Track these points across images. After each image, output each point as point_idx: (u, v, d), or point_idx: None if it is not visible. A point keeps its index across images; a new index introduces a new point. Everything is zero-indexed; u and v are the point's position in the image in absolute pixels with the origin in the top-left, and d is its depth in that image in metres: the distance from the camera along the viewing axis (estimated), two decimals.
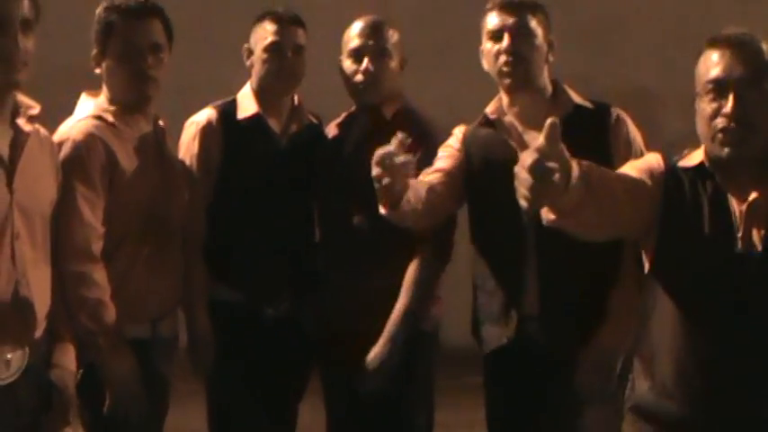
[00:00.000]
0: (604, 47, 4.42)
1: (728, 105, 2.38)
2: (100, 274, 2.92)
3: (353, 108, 3.53)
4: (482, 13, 3.24)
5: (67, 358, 2.77)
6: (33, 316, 2.61)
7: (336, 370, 3.47)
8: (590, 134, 3.08)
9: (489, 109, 3.24)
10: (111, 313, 2.91)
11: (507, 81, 3.14)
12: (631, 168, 2.53)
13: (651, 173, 2.47)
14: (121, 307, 2.94)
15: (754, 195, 2.39)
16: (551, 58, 3.22)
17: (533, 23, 3.15)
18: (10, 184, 2.58)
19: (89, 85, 3.16)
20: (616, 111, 3.18)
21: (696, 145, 2.51)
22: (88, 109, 3.07)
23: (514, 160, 3.03)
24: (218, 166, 3.42)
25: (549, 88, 3.22)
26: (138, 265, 3.04)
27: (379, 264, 3.32)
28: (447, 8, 4.26)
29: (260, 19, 3.48)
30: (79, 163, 2.92)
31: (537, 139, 3.02)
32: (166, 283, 3.12)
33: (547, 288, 3.09)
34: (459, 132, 3.29)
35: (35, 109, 2.70)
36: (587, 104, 3.19)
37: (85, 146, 2.95)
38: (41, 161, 2.74)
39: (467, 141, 3.25)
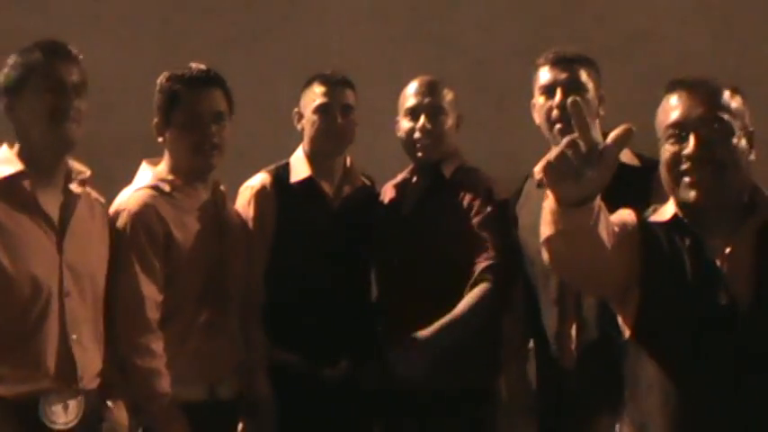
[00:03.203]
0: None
1: (690, 146, 2.31)
2: (156, 344, 2.96)
3: (410, 168, 3.55)
4: (535, 68, 3.25)
5: (119, 414, 2.89)
6: (80, 369, 2.74)
7: (400, 428, 3.45)
8: (633, 191, 3.04)
9: (538, 168, 3.12)
10: (165, 382, 2.95)
11: (560, 138, 3.03)
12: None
13: (626, 228, 2.37)
14: (178, 370, 2.98)
15: (728, 249, 2.30)
16: (602, 112, 3.20)
17: (584, 78, 3.16)
18: (60, 245, 2.74)
19: (144, 152, 3.21)
20: None
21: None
22: (146, 178, 3.12)
23: None
24: (273, 230, 3.44)
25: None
26: (195, 329, 3.07)
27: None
28: (503, 63, 4.26)
29: (309, 82, 3.53)
30: (134, 234, 2.98)
31: None
32: (224, 347, 3.14)
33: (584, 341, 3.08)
34: None
35: (86, 173, 2.88)
36: (634, 162, 3.13)
37: (140, 217, 3.00)
38: (91, 223, 2.89)
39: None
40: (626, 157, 3.13)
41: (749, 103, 2.42)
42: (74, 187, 2.83)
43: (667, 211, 2.42)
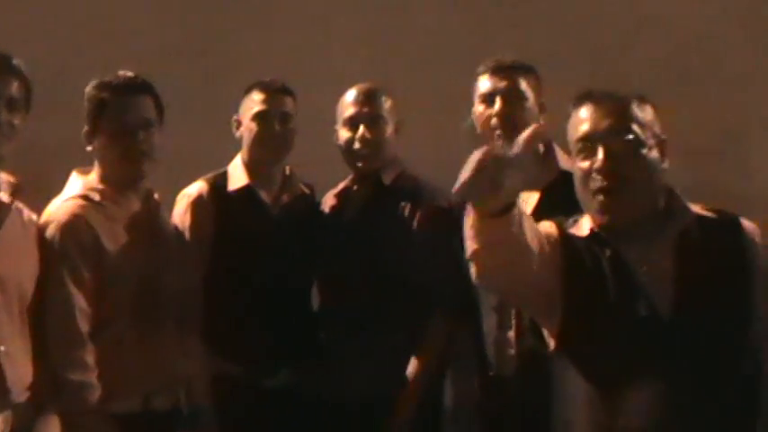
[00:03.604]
0: None
1: (599, 159, 2.30)
2: (89, 357, 2.92)
3: (351, 177, 3.53)
4: (475, 76, 3.25)
5: (51, 429, 2.83)
6: (10, 382, 2.70)
7: None
8: (572, 199, 3.04)
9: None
10: (95, 394, 2.90)
11: (499, 144, 3.10)
12: None
13: (549, 239, 2.35)
14: (111, 382, 2.94)
15: (648, 260, 2.29)
16: (543, 121, 3.20)
17: (524, 86, 3.18)
18: None
19: (80, 161, 3.17)
20: None
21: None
22: (76, 188, 3.08)
23: None
24: (210, 239, 3.40)
25: (541, 151, 3.16)
26: (128, 340, 3.02)
27: (383, 328, 3.30)
28: (451, 69, 4.24)
29: (248, 90, 3.50)
30: (63, 245, 2.94)
31: (524, 202, 3.09)
32: (158, 358, 3.09)
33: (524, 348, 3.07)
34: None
35: (14, 183, 2.86)
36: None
37: (69, 228, 2.96)
38: (23, 238, 2.85)
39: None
40: (567, 163, 3.14)
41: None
42: (3, 197, 2.81)
43: (584, 226, 2.40)
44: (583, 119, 2.36)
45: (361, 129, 3.39)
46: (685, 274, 2.28)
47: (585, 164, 2.33)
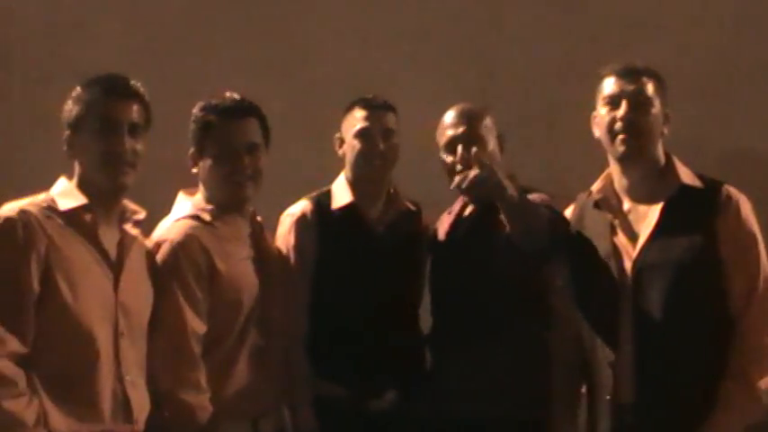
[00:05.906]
0: (714, 108, 4.27)
1: None
2: (201, 378, 2.90)
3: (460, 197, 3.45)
4: (598, 79, 3.11)
5: None
6: (136, 412, 2.70)
7: None
8: (696, 215, 2.95)
9: (596, 187, 3.15)
10: (207, 416, 2.88)
11: (621, 149, 3.01)
12: None
13: None
14: (220, 405, 2.91)
15: None
16: (666, 131, 3.08)
17: (652, 92, 3.04)
18: (116, 284, 2.71)
19: (184, 182, 3.16)
20: (727, 190, 2.99)
21: None
22: (186, 208, 3.07)
23: (612, 243, 3.05)
24: (314, 259, 3.37)
25: (662, 163, 3.07)
26: (237, 362, 3.00)
27: (499, 345, 3.21)
28: (549, 82, 4.18)
29: (350, 107, 3.46)
30: (178, 265, 2.92)
31: (642, 216, 3.00)
32: (266, 380, 3.06)
33: (645, 373, 2.93)
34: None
35: (141, 214, 2.86)
36: (696, 183, 3.02)
37: (183, 248, 2.94)
38: (143, 268, 2.86)
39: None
40: (688, 178, 3.05)
41: None
42: (128, 228, 2.82)
43: None
44: None
45: (460, 150, 3.29)
46: None
47: None
